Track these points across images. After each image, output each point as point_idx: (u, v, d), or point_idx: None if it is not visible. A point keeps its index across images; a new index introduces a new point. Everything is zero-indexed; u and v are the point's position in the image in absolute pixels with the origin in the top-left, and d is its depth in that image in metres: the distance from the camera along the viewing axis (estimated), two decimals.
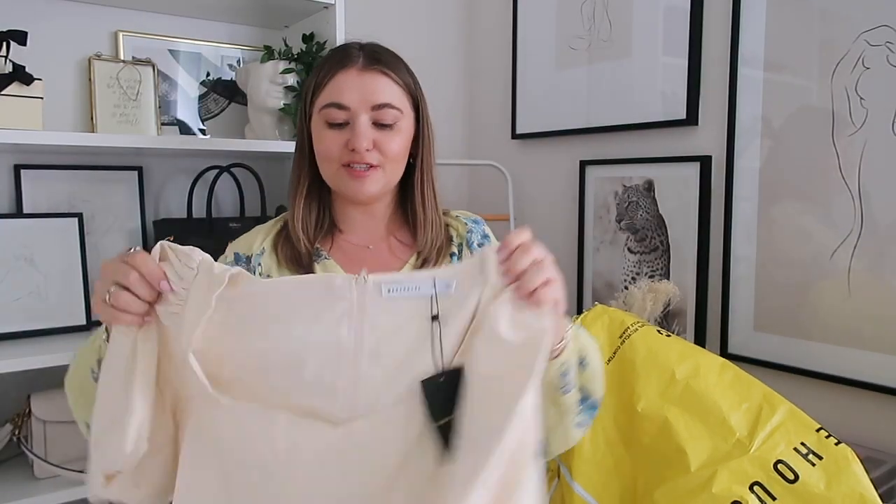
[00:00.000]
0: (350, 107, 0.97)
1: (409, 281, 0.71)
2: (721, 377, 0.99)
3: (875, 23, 1.25)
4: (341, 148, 0.97)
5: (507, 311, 0.69)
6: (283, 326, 0.70)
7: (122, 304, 0.69)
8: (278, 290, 0.72)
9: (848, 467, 0.88)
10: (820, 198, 1.34)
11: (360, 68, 0.98)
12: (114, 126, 1.55)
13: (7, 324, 1.38)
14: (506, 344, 0.68)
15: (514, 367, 0.66)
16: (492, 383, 0.67)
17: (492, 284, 0.71)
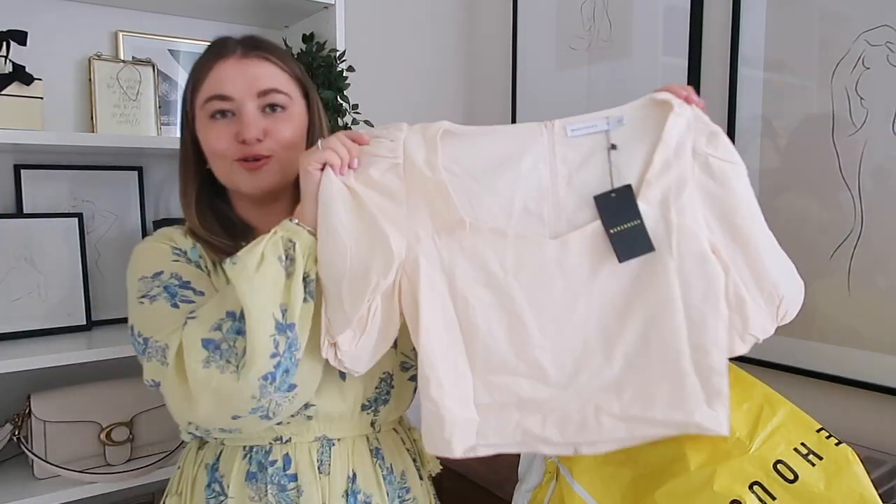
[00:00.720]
0: (234, 96, 0.92)
1: (587, 120, 0.85)
2: None
3: (875, 23, 1.25)
4: (231, 141, 0.92)
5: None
6: (494, 172, 0.83)
7: (331, 157, 0.82)
8: (485, 143, 0.85)
9: (848, 467, 0.88)
10: (820, 198, 1.34)
11: (240, 56, 0.94)
12: (114, 126, 1.55)
13: (7, 324, 1.38)
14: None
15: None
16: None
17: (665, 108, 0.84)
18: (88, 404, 1.36)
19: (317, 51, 1.58)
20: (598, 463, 0.99)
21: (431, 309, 0.82)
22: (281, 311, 0.79)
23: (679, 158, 0.83)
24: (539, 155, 0.84)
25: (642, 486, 0.95)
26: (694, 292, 0.81)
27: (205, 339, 0.80)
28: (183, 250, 0.95)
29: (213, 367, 0.79)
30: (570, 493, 0.97)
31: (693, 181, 0.83)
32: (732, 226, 0.83)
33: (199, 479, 0.96)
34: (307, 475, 0.92)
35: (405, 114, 2.03)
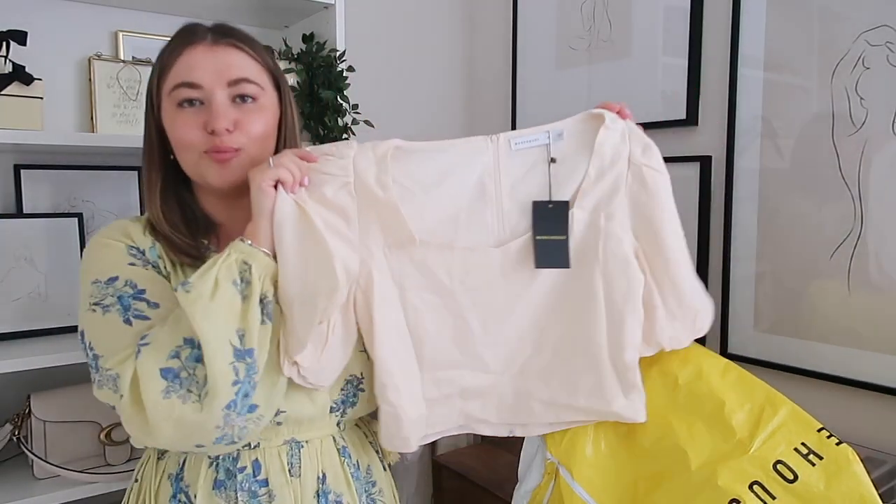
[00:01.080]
0: (203, 84, 0.87)
1: (529, 134, 0.90)
2: (724, 378, 0.99)
3: (875, 23, 1.25)
4: (199, 131, 0.87)
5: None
6: (443, 184, 0.89)
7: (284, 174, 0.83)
8: (434, 157, 0.89)
9: (848, 467, 0.88)
10: (820, 198, 1.34)
11: (210, 43, 0.91)
12: (114, 126, 1.55)
13: (7, 324, 1.38)
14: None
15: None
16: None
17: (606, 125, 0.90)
18: (88, 404, 1.36)
19: (317, 51, 1.58)
20: (597, 463, 0.99)
21: (384, 320, 0.87)
22: (238, 337, 0.77)
23: (613, 167, 0.90)
24: (484, 167, 0.89)
25: (642, 487, 0.95)
26: (616, 293, 0.89)
27: (163, 368, 0.77)
28: (141, 250, 0.91)
29: (175, 396, 0.76)
30: (569, 494, 0.97)
31: (625, 189, 0.90)
32: (656, 235, 0.90)
33: (162, 491, 0.92)
34: (278, 479, 0.91)
35: (405, 114, 2.04)
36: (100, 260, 0.89)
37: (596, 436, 1.01)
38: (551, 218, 0.90)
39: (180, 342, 0.78)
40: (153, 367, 0.77)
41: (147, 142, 0.95)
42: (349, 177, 0.86)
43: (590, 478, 0.97)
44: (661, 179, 0.91)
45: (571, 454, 1.00)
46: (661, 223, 0.90)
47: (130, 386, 0.78)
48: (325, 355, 0.85)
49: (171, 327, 0.80)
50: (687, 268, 0.93)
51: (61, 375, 1.42)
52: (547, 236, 0.89)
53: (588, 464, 0.99)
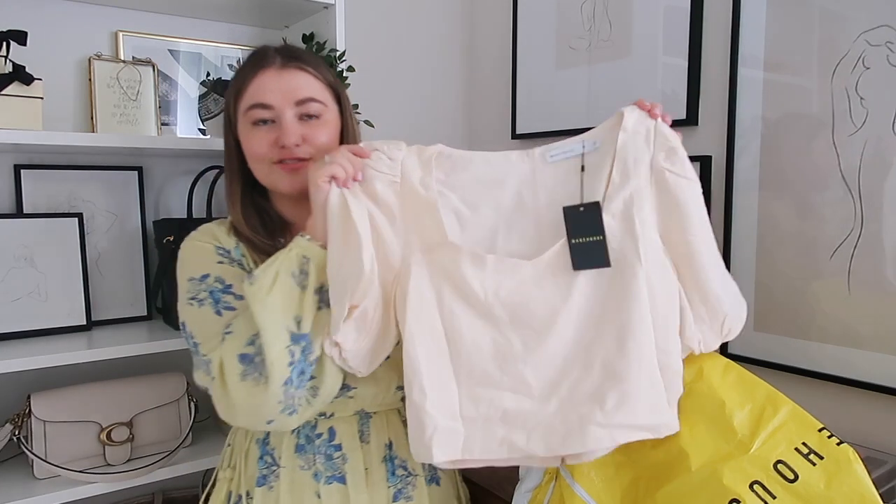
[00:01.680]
0: (274, 105, 1.00)
1: (564, 146, 0.92)
2: (724, 378, 0.99)
3: (875, 23, 1.25)
4: (270, 146, 1.00)
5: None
6: (482, 195, 0.91)
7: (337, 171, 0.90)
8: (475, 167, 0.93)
9: (849, 467, 0.88)
10: (820, 198, 1.34)
11: (279, 67, 1.01)
12: (114, 126, 1.55)
13: (7, 324, 1.38)
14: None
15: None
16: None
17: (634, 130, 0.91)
18: (88, 404, 1.36)
19: (317, 51, 1.58)
20: (598, 464, 0.99)
21: (418, 316, 0.87)
22: (295, 323, 0.88)
23: (637, 171, 0.89)
24: (522, 179, 0.91)
25: (642, 487, 0.95)
26: (659, 299, 0.86)
27: (241, 354, 0.88)
28: (227, 250, 1.02)
29: (249, 379, 0.87)
30: (569, 494, 0.97)
31: (650, 193, 0.89)
32: (682, 240, 0.89)
33: (251, 453, 1.05)
34: (351, 444, 1.03)
35: (405, 114, 2.04)
36: (193, 260, 1.02)
37: None
38: (584, 220, 0.88)
39: (255, 331, 0.87)
40: (233, 354, 0.88)
41: (227, 153, 1.07)
42: (397, 177, 0.91)
43: (590, 478, 0.97)
44: (684, 185, 0.90)
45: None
46: (687, 228, 0.89)
47: (218, 370, 0.89)
48: (365, 343, 0.89)
49: (248, 318, 0.89)
50: (717, 273, 0.91)
51: (61, 375, 1.42)
52: (583, 238, 0.88)
53: (589, 464, 0.99)
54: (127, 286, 1.58)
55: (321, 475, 1.02)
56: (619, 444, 0.87)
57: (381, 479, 1.05)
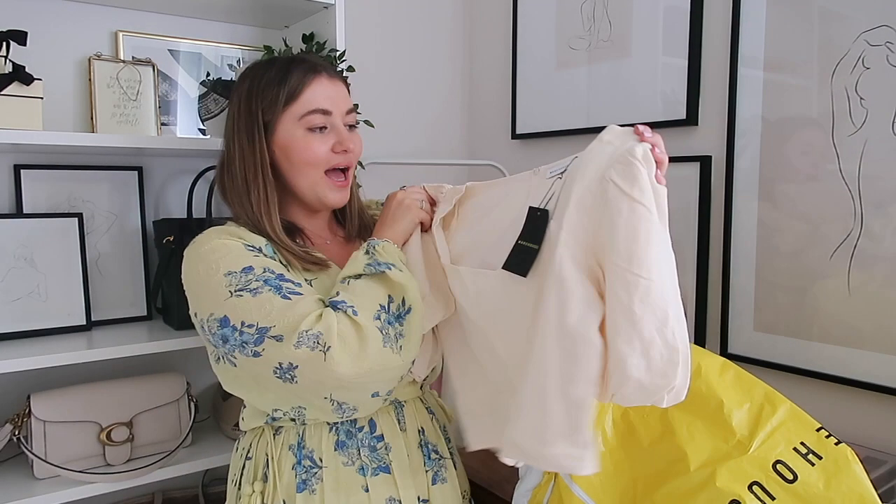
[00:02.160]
0: (332, 111, 1.05)
1: (561, 163, 0.93)
2: (722, 377, 0.99)
3: (875, 23, 1.24)
4: (327, 152, 1.05)
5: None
6: (491, 216, 0.99)
7: (425, 218, 1.08)
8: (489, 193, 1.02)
9: (848, 467, 0.88)
10: (820, 198, 1.34)
11: (329, 77, 1.07)
12: (114, 126, 1.55)
13: (7, 324, 1.38)
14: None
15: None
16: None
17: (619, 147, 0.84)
18: (88, 404, 1.36)
19: (317, 51, 1.58)
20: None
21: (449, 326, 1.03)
22: (421, 296, 1.00)
23: (584, 177, 0.83)
24: (528, 196, 0.93)
25: (641, 487, 0.95)
26: (569, 315, 0.78)
27: (378, 326, 0.94)
28: (257, 247, 1.02)
29: (389, 346, 0.94)
30: (568, 494, 0.97)
31: (588, 204, 0.81)
32: (605, 261, 0.79)
33: (283, 461, 1.04)
34: (392, 433, 1.07)
35: (405, 114, 2.04)
36: (226, 255, 0.99)
37: (594, 436, 1.01)
38: (535, 225, 0.89)
39: (377, 307, 0.95)
40: (370, 324, 0.93)
41: (250, 160, 1.05)
42: (439, 214, 1.06)
43: (589, 478, 0.97)
44: (624, 203, 0.77)
45: None
46: (609, 254, 0.78)
47: (344, 337, 0.91)
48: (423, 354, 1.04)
49: (362, 295, 0.96)
50: (623, 319, 0.77)
51: (61, 375, 1.42)
52: (526, 242, 0.89)
53: None
54: (127, 286, 1.58)
55: (367, 468, 1.03)
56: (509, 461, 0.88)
57: (419, 465, 1.08)
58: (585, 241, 0.80)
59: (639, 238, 0.76)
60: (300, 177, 1.07)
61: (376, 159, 1.84)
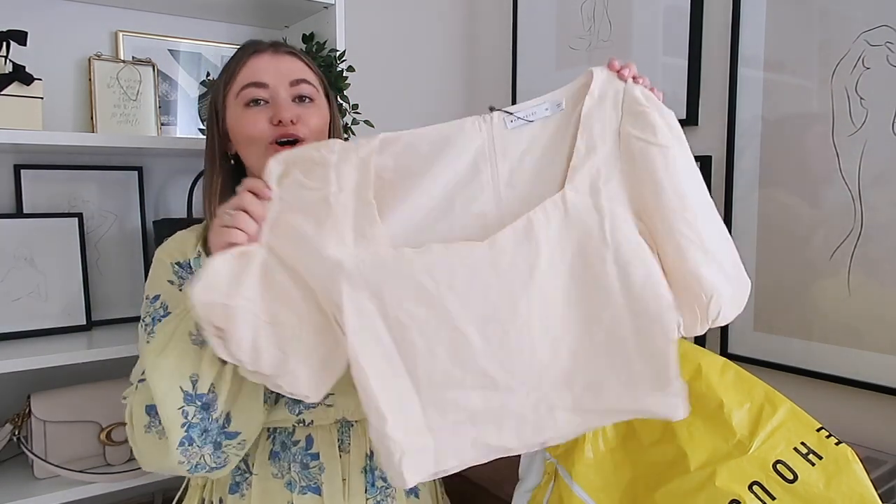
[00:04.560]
0: (268, 83, 0.97)
1: (525, 109, 0.81)
2: (722, 377, 0.99)
3: (875, 23, 1.25)
4: (266, 125, 0.96)
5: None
6: (431, 178, 0.80)
7: (236, 237, 0.78)
8: (421, 147, 0.81)
9: (848, 467, 0.88)
10: (820, 198, 1.34)
11: (273, 52, 1.00)
12: (114, 126, 1.55)
13: (7, 324, 1.38)
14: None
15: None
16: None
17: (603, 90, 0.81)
18: (88, 404, 1.36)
19: (317, 51, 1.58)
20: (596, 464, 0.99)
21: (361, 337, 0.77)
22: (191, 383, 0.84)
23: (604, 141, 0.80)
24: (478, 151, 0.81)
25: (641, 487, 0.95)
26: (633, 278, 0.79)
27: (148, 405, 0.86)
28: (185, 264, 0.98)
29: (153, 433, 0.86)
30: (568, 494, 0.97)
31: (619, 165, 0.80)
32: (657, 214, 0.80)
33: None
34: (329, 453, 1.00)
35: (405, 114, 2.03)
36: (152, 277, 1.00)
37: (594, 437, 1.01)
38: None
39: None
40: (141, 404, 0.87)
41: (208, 149, 1.03)
42: (330, 186, 0.79)
43: (589, 478, 0.97)
44: (654, 152, 0.79)
45: (571, 455, 1.00)
46: (660, 201, 0.79)
47: (128, 416, 0.89)
48: (303, 371, 0.80)
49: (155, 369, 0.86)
50: (694, 248, 0.80)
51: (61, 375, 1.42)
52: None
53: (587, 464, 0.99)
54: (127, 286, 1.58)
55: (295, 484, 0.98)
56: (595, 427, 0.86)
57: (359, 491, 1.00)
58: (626, 202, 0.80)
59: (681, 178, 0.80)
60: (248, 155, 0.99)
61: None
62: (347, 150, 0.79)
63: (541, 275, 0.79)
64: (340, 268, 0.77)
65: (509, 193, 0.80)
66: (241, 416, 0.88)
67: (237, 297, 0.76)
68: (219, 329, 0.76)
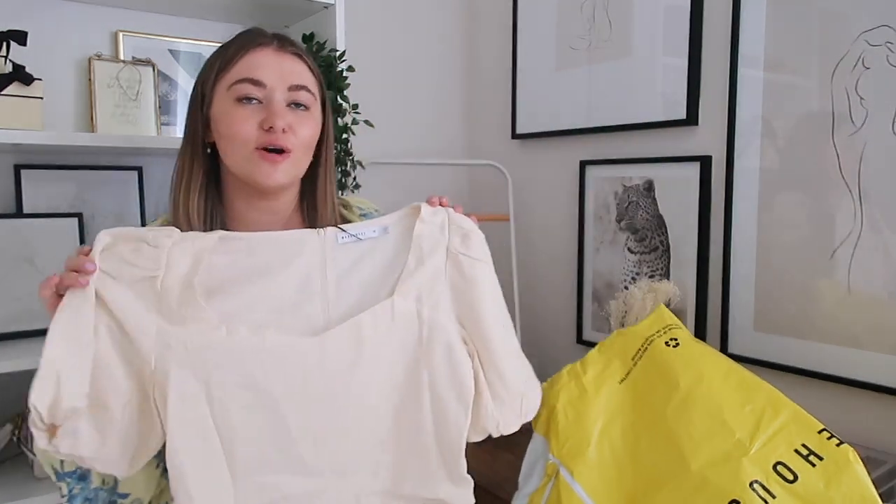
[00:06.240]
0: (267, 83, 0.91)
1: (355, 229, 0.91)
2: (726, 381, 0.99)
3: (875, 23, 1.25)
4: (255, 128, 0.90)
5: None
6: (265, 276, 0.86)
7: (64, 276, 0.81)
8: (256, 250, 0.87)
9: (848, 467, 0.88)
10: (820, 198, 1.34)
11: (277, 48, 0.94)
12: (114, 126, 1.55)
13: (7, 324, 1.38)
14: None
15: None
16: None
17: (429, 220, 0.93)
18: None
19: (317, 51, 1.58)
20: (599, 465, 0.99)
21: (181, 419, 0.80)
22: (59, 462, 0.87)
23: (432, 257, 0.91)
24: (310, 258, 0.88)
25: (641, 488, 0.95)
26: (440, 378, 0.88)
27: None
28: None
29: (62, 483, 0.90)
30: (567, 493, 0.97)
31: (445, 277, 0.91)
32: (477, 321, 0.91)
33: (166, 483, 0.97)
34: None
35: (405, 114, 2.04)
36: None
37: (601, 438, 1.01)
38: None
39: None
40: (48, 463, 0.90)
41: (190, 135, 0.96)
42: (159, 270, 0.81)
43: (590, 478, 0.97)
44: (479, 267, 0.92)
45: (574, 455, 1.01)
46: (481, 310, 0.91)
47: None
48: (114, 446, 0.81)
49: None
50: (509, 354, 0.93)
51: None
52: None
53: (589, 465, 0.99)
54: None
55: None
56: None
57: None
58: (450, 310, 0.91)
59: (495, 287, 0.94)
60: (229, 153, 0.93)
61: (376, 159, 1.84)
62: (185, 238, 0.84)
63: (362, 371, 0.86)
64: (168, 349, 0.80)
65: (336, 298, 0.88)
66: (127, 480, 0.88)
67: (72, 398, 0.81)
68: (51, 426, 0.82)
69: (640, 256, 1.67)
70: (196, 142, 0.95)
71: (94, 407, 0.80)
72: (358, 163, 1.67)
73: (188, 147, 0.96)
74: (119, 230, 0.83)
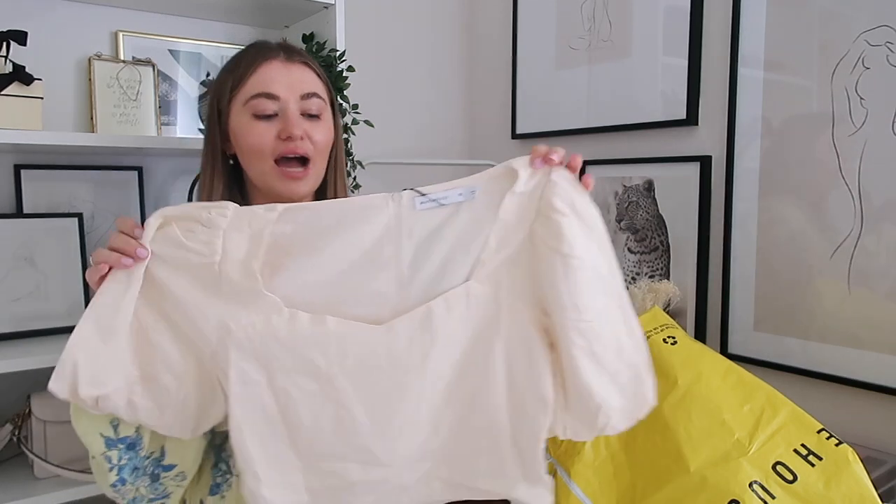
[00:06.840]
0: (280, 96, 0.95)
1: (437, 193, 0.79)
2: (724, 381, 0.99)
3: (875, 23, 1.25)
4: (273, 140, 0.94)
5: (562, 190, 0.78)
6: (331, 250, 0.78)
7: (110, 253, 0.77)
8: (323, 219, 0.79)
9: (848, 467, 0.88)
10: (820, 198, 1.34)
11: (284, 60, 0.98)
12: (114, 126, 1.55)
13: (7, 324, 1.38)
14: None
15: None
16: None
17: (523, 179, 0.79)
18: None
19: (317, 51, 1.58)
20: (596, 465, 0.99)
21: (244, 403, 0.78)
22: (112, 427, 0.83)
23: (517, 237, 0.80)
24: (384, 229, 0.79)
25: (640, 488, 0.95)
26: (516, 375, 0.80)
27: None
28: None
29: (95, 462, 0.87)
30: (565, 494, 0.97)
31: (528, 260, 0.80)
32: (554, 318, 0.79)
33: (206, 460, 0.98)
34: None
35: (405, 114, 2.03)
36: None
37: (597, 440, 1.01)
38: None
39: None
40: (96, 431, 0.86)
41: (209, 149, 1.00)
42: (215, 255, 0.77)
43: (587, 478, 0.97)
44: (556, 259, 0.78)
45: (571, 455, 1.00)
46: (556, 307, 0.78)
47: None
48: (169, 417, 0.80)
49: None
50: (587, 359, 0.78)
51: None
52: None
53: (587, 465, 0.99)
54: None
55: None
56: (465, 498, 0.85)
57: None
58: (529, 297, 0.80)
59: (580, 288, 0.77)
60: (251, 166, 0.97)
61: (376, 159, 1.84)
62: (241, 217, 0.78)
63: (433, 363, 0.79)
64: (228, 334, 0.77)
65: (412, 275, 0.80)
66: (175, 450, 0.87)
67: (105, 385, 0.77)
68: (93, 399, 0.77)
69: (640, 256, 1.67)
70: (216, 157, 0.99)
71: (147, 380, 0.78)
72: (358, 163, 1.67)
73: (208, 162, 1.00)
74: (171, 209, 0.79)
